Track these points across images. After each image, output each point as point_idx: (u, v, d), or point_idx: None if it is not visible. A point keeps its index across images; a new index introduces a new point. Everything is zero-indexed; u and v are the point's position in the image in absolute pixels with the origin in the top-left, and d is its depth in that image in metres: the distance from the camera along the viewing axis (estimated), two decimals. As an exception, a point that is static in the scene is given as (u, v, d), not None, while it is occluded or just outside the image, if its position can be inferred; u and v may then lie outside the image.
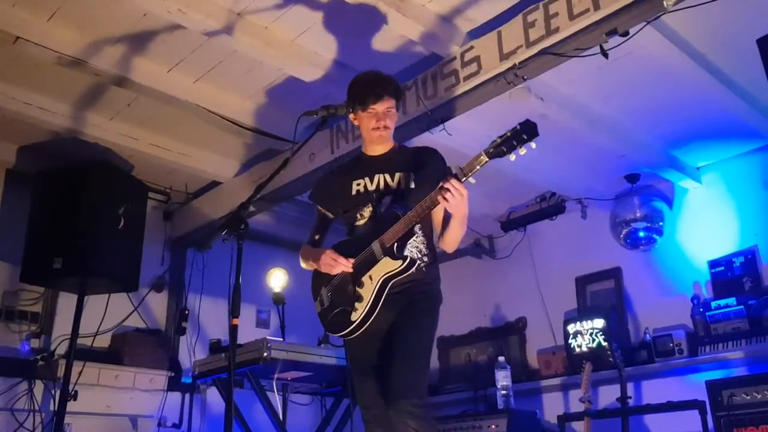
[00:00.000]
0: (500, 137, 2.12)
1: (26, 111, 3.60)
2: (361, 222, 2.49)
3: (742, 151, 4.17)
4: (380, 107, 2.48)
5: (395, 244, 2.32)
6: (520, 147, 2.09)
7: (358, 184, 2.54)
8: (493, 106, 3.18)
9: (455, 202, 2.21)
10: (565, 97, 3.47)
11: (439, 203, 2.23)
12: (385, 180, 2.50)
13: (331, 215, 2.65)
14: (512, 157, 2.11)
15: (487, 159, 2.14)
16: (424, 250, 2.45)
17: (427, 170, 2.44)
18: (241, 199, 2.39)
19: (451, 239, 2.43)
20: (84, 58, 3.19)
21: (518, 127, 2.09)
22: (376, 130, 2.50)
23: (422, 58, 3.27)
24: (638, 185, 4.41)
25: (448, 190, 2.19)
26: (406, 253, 2.35)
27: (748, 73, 3.25)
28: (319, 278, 2.54)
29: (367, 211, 2.48)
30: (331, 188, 2.65)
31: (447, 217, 2.40)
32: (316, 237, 2.64)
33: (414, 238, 2.41)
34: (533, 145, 2.09)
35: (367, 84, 2.52)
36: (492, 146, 2.13)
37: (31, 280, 3.62)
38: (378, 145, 2.58)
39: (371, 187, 2.51)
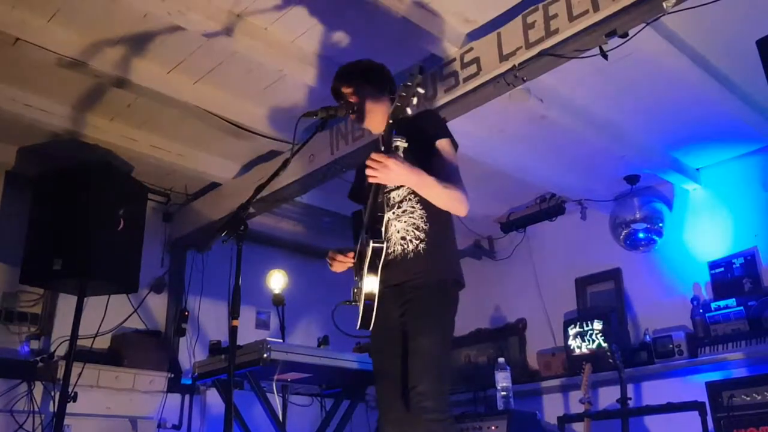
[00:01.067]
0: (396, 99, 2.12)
1: (26, 112, 3.60)
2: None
3: (742, 153, 4.17)
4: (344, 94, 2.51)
5: (370, 228, 2.22)
6: (411, 96, 2.06)
7: None
8: (493, 107, 3.19)
9: (383, 175, 2.11)
10: (564, 98, 3.47)
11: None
12: None
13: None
14: (409, 110, 2.08)
15: (391, 121, 2.12)
16: (422, 225, 2.29)
17: (416, 136, 2.26)
18: (241, 201, 2.37)
19: (442, 205, 2.28)
20: (84, 60, 3.18)
21: (408, 74, 2.08)
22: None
23: (422, 59, 3.26)
24: (638, 186, 4.42)
25: (368, 166, 2.11)
26: (390, 234, 2.27)
27: (748, 75, 3.25)
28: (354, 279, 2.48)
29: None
30: (358, 183, 2.64)
31: None
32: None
33: (410, 214, 2.30)
34: (421, 90, 2.07)
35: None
36: (391, 110, 2.12)
37: (31, 282, 3.61)
38: (371, 126, 2.52)
39: None
